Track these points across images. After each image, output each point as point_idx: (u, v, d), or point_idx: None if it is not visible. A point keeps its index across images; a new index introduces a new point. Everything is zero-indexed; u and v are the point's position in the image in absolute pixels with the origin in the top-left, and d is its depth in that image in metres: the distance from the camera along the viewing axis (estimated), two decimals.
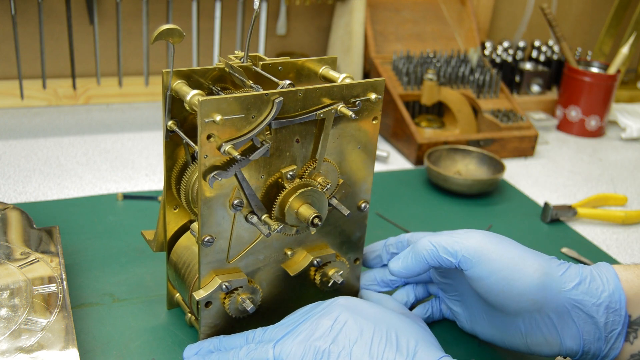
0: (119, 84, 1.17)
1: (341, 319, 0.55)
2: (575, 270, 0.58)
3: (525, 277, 0.57)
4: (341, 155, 0.62)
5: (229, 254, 0.60)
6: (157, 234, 0.66)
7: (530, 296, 0.57)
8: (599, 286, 0.57)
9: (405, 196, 1.00)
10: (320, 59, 0.65)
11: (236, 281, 0.60)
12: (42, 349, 0.55)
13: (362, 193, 0.65)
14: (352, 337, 0.54)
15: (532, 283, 0.57)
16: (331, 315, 0.56)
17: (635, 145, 1.31)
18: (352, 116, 0.58)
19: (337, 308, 0.57)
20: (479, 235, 0.60)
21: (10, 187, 0.92)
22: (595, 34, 1.66)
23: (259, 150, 0.56)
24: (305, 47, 1.38)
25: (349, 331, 0.54)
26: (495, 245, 0.59)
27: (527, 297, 0.57)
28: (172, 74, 0.58)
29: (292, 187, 0.59)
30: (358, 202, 0.65)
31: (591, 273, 0.58)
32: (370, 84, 0.60)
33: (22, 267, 0.65)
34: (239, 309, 0.61)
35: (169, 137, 0.61)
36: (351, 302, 0.58)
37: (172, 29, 0.54)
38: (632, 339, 0.58)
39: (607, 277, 0.58)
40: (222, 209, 0.57)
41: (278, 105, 0.55)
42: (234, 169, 0.56)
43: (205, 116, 0.53)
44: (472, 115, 1.21)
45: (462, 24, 1.38)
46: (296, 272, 0.64)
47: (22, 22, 1.15)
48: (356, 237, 0.68)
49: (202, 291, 0.60)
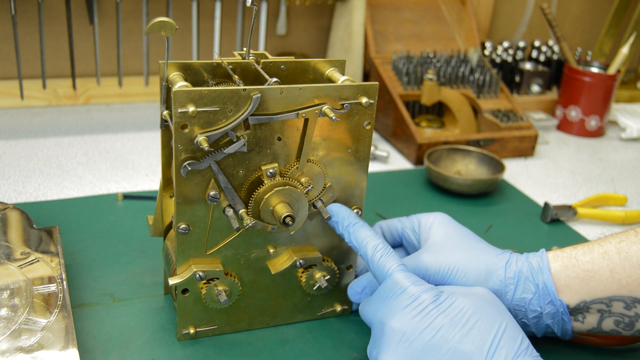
0: (119, 84, 1.17)
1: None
2: (514, 269, 0.61)
3: (469, 279, 0.61)
4: (329, 158, 0.62)
5: (207, 245, 0.61)
6: (155, 219, 0.67)
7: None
8: (532, 281, 0.61)
9: (405, 196, 0.99)
10: (329, 61, 0.65)
11: (212, 272, 0.61)
12: (42, 349, 0.55)
13: (355, 199, 0.65)
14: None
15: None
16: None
17: (635, 145, 1.31)
18: (332, 118, 0.58)
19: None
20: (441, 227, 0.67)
21: (10, 187, 0.92)
22: (595, 34, 1.66)
23: (234, 144, 0.57)
24: (305, 47, 1.38)
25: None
26: (448, 239, 0.65)
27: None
28: (171, 65, 0.60)
29: (270, 184, 0.59)
30: (350, 208, 0.65)
31: (529, 268, 0.61)
32: (362, 87, 0.60)
33: (22, 267, 0.65)
34: (215, 300, 0.62)
35: (164, 126, 0.63)
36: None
37: (164, 21, 0.56)
38: (582, 319, 0.61)
39: (541, 268, 0.61)
40: (198, 199, 0.58)
41: (255, 101, 0.56)
42: (208, 161, 0.56)
43: (180, 106, 0.53)
44: (472, 115, 1.21)
45: (462, 24, 1.38)
46: (278, 270, 0.64)
47: (22, 22, 1.15)
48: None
49: (177, 277, 0.60)
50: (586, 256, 0.60)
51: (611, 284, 0.58)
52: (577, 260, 0.60)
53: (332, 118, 0.58)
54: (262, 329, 0.67)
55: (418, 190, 1.02)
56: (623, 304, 0.59)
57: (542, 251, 0.63)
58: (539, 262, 0.61)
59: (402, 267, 0.58)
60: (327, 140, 0.61)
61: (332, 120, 0.58)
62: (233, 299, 0.63)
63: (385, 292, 0.57)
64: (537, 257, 0.62)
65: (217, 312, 0.64)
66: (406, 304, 0.55)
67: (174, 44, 1.27)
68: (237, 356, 0.63)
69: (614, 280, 0.58)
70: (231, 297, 0.63)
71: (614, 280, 0.58)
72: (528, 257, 0.62)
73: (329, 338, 0.67)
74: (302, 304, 0.68)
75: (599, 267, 0.59)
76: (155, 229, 0.68)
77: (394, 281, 0.57)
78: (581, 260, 0.60)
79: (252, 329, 0.67)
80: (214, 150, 0.56)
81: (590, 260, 0.60)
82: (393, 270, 0.58)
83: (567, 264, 0.60)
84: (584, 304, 0.60)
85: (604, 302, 0.59)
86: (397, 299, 0.56)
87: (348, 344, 0.66)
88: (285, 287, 0.66)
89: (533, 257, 0.62)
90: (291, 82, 0.64)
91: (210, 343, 0.64)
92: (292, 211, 0.59)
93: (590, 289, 0.59)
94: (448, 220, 0.68)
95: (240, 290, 0.64)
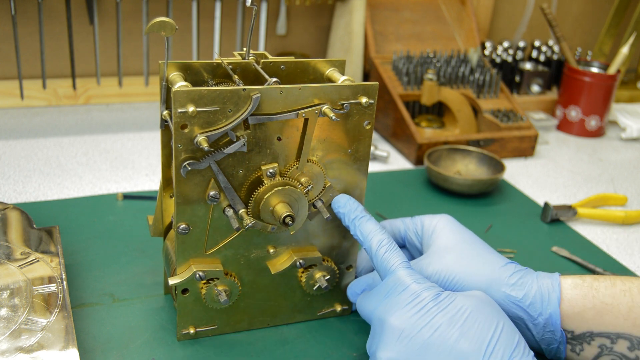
0: (119, 84, 1.17)
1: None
2: (522, 292, 0.60)
3: (471, 285, 0.61)
4: (329, 158, 0.62)
5: (207, 245, 0.61)
6: (155, 219, 0.67)
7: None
8: (537, 309, 0.59)
9: (405, 196, 0.99)
10: (329, 61, 0.65)
11: (212, 272, 0.61)
12: (42, 349, 0.55)
13: (355, 199, 0.65)
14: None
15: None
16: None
17: (635, 145, 1.31)
18: (332, 118, 0.58)
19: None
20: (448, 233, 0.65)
21: (10, 187, 0.92)
22: (595, 34, 1.66)
23: (234, 144, 0.56)
24: (305, 47, 1.38)
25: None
26: (455, 245, 0.64)
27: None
28: (171, 65, 0.60)
29: (270, 184, 0.59)
30: None
31: (536, 292, 0.60)
32: (362, 87, 0.60)
33: (22, 267, 0.65)
34: (215, 300, 0.62)
35: (164, 126, 0.63)
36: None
37: (164, 21, 0.56)
38: (579, 350, 0.60)
39: (550, 297, 0.59)
40: (198, 199, 0.58)
41: (255, 101, 0.56)
42: (208, 161, 0.57)
43: (180, 106, 0.53)
44: (472, 115, 1.21)
45: (462, 24, 1.38)
46: (277, 270, 0.64)
47: (22, 22, 1.15)
48: (348, 243, 0.67)
49: (177, 277, 0.60)
50: (608, 290, 0.59)
51: (625, 320, 0.58)
52: (598, 292, 0.59)
53: (332, 118, 0.58)
54: (262, 329, 0.67)
55: (418, 190, 1.02)
56: (628, 343, 0.58)
57: (556, 277, 0.61)
58: (550, 289, 0.60)
59: (405, 264, 0.58)
60: (327, 140, 0.61)
61: (332, 120, 0.58)
62: (233, 299, 0.63)
63: (387, 287, 0.57)
64: (548, 283, 0.60)
65: (217, 312, 0.64)
66: (407, 301, 0.55)
67: (174, 44, 1.27)
68: (237, 356, 0.63)
69: (629, 318, 0.58)
70: (231, 297, 0.63)
71: (629, 318, 0.58)
72: (539, 278, 0.61)
73: (329, 338, 0.67)
74: (302, 304, 0.68)
75: (619, 302, 0.58)
76: (155, 229, 0.68)
77: (397, 277, 0.57)
78: (602, 293, 0.59)
79: (252, 329, 0.67)
80: (213, 150, 0.56)
81: (611, 294, 0.58)
82: (397, 267, 0.58)
83: (587, 293, 0.59)
84: (589, 334, 0.59)
85: (610, 338, 0.58)
86: (398, 296, 0.56)
87: (348, 344, 0.66)
88: (285, 287, 0.66)
89: (544, 280, 0.60)
90: (291, 82, 0.64)
91: (210, 343, 0.64)
92: (292, 211, 0.59)
93: (604, 321, 0.58)
94: (452, 224, 0.67)
95: (240, 290, 0.64)
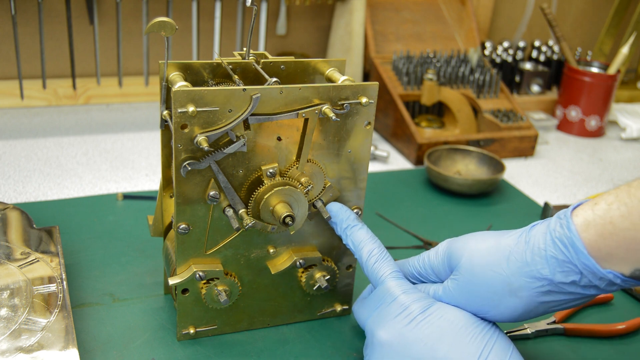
0: (119, 84, 1.17)
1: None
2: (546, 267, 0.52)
3: (501, 316, 0.54)
4: (329, 158, 0.62)
5: (207, 245, 0.61)
6: (155, 219, 0.67)
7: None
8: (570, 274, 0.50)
9: (405, 196, 0.99)
10: (329, 61, 0.65)
11: (212, 272, 0.61)
12: (42, 348, 0.55)
13: (355, 199, 0.65)
14: None
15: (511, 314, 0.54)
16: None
17: (635, 145, 1.31)
18: (332, 118, 0.58)
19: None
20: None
21: (10, 187, 0.92)
22: (595, 34, 1.66)
23: (234, 144, 0.57)
24: (305, 47, 1.38)
25: None
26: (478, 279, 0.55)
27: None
28: (171, 65, 0.60)
29: (270, 184, 0.59)
30: (350, 208, 0.65)
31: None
32: (362, 87, 0.60)
33: (22, 267, 0.65)
34: (215, 300, 0.62)
35: (164, 126, 0.63)
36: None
37: (164, 21, 0.56)
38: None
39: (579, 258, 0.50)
40: (198, 199, 0.58)
41: (255, 101, 0.56)
42: (208, 161, 0.57)
43: (180, 106, 0.53)
44: (472, 115, 1.21)
45: (462, 24, 1.38)
46: (278, 270, 0.64)
47: (22, 22, 1.15)
48: None
49: (177, 277, 0.60)
50: (625, 221, 0.48)
51: None
52: (615, 226, 0.49)
53: (332, 118, 0.58)
54: (262, 329, 0.67)
55: (418, 190, 1.02)
56: None
57: (568, 218, 0.51)
58: (569, 239, 0.50)
59: (395, 274, 0.57)
60: (326, 141, 0.61)
61: (332, 120, 0.58)
62: (233, 299, 0.63)
63: (377, 298, 0.57)
64: (561, 232, 0.51)
65: (217, 312, 0.64)
66: (396, 313, 0.55)
67: (174, 44, 1.28)
68: (237, 356, 0.63)
69: None
70: (231, 297, 0.63)
71: None
72: (550, 224, 0.53)
73: (329, 338, 0.67)
74: (302, 304, 0.68)
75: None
76: (155, 229, 0.68)
77: (385, 288, 0.57)
78: (619, 227, 0.48)
79: (252, 329, 0.67)
80: (213, 150, 0.56)
81: (631, 225, 0.48)
82: (386, 277, 0.57)
83: (603, 232, 0.49)
84: (639, 272, 0.49)
85: None
86: (387, 307, 0.55)
87: (348, 344, 0.66)
88: (285, 287, 0.66)
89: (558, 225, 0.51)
90: (291, 82, 0.64)
91: (210, 343, 0.64)
92: (291, 211, 0.59)
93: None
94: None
95: (240, 290, 0.64)
